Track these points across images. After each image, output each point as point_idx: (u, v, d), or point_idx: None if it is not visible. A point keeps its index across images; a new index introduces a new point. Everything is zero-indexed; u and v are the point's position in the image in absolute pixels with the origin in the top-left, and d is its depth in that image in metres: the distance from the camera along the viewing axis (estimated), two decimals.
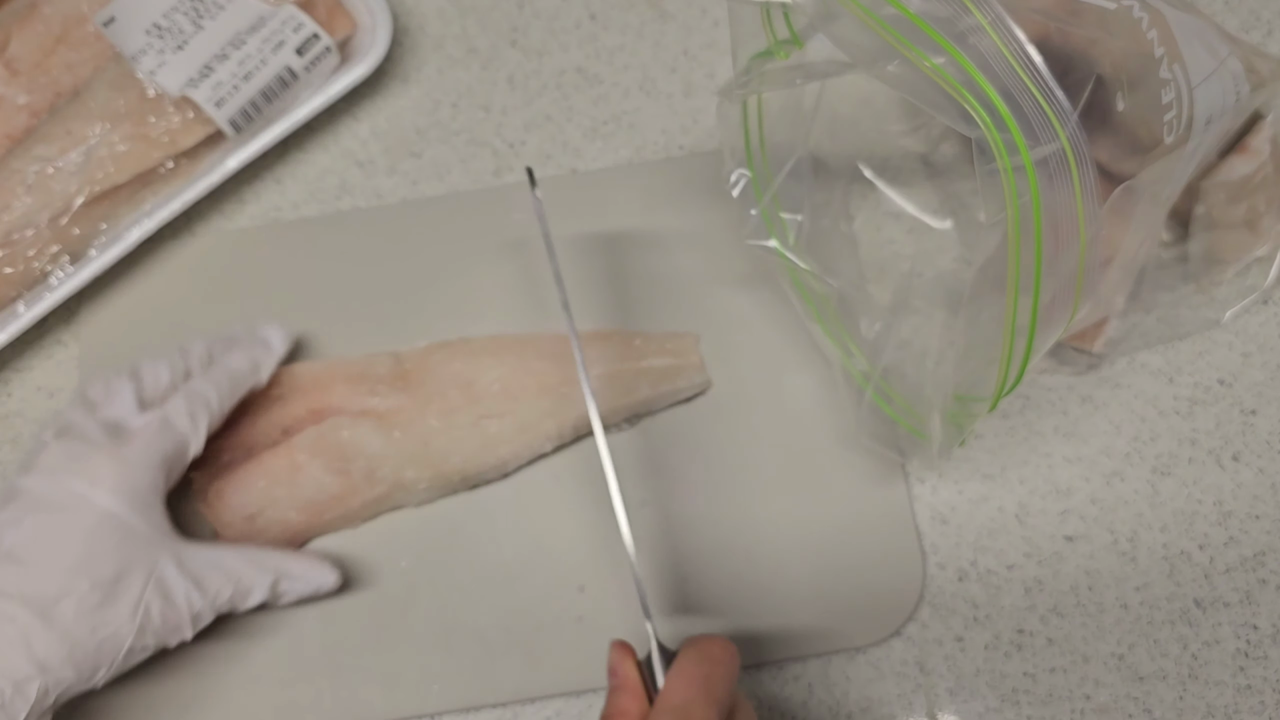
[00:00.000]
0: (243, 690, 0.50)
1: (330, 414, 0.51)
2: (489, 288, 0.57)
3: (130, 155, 0.55)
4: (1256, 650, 0.49)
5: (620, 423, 0.54)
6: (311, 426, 0.51)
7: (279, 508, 0.50)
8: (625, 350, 0.53)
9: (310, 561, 0.48)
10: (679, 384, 0.53)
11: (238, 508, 0.50)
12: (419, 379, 0.52)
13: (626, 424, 0.54)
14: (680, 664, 0.39)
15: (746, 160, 0.48)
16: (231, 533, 0.50)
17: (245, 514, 0.50)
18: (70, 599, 0.41)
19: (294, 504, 0.50)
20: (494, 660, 0.50)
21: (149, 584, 0.43)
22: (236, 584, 0.45)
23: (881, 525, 0.51)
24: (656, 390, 0.52)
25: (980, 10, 0.37)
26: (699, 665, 0.38)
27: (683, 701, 0.37)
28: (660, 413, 0.54)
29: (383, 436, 0.50)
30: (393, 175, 0.60)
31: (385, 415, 0.51)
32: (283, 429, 0.51)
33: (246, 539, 0.49)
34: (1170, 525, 0.52)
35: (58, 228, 0.54)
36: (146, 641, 0.43)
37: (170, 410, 0.46)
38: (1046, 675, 0.50)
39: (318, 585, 0.48)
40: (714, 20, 0.63)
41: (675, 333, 0.54)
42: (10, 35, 0.57)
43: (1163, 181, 0.44)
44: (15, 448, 0.56)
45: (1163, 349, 0.54)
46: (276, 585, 0.46)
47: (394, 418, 0.51)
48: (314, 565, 0.48)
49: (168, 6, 0.56)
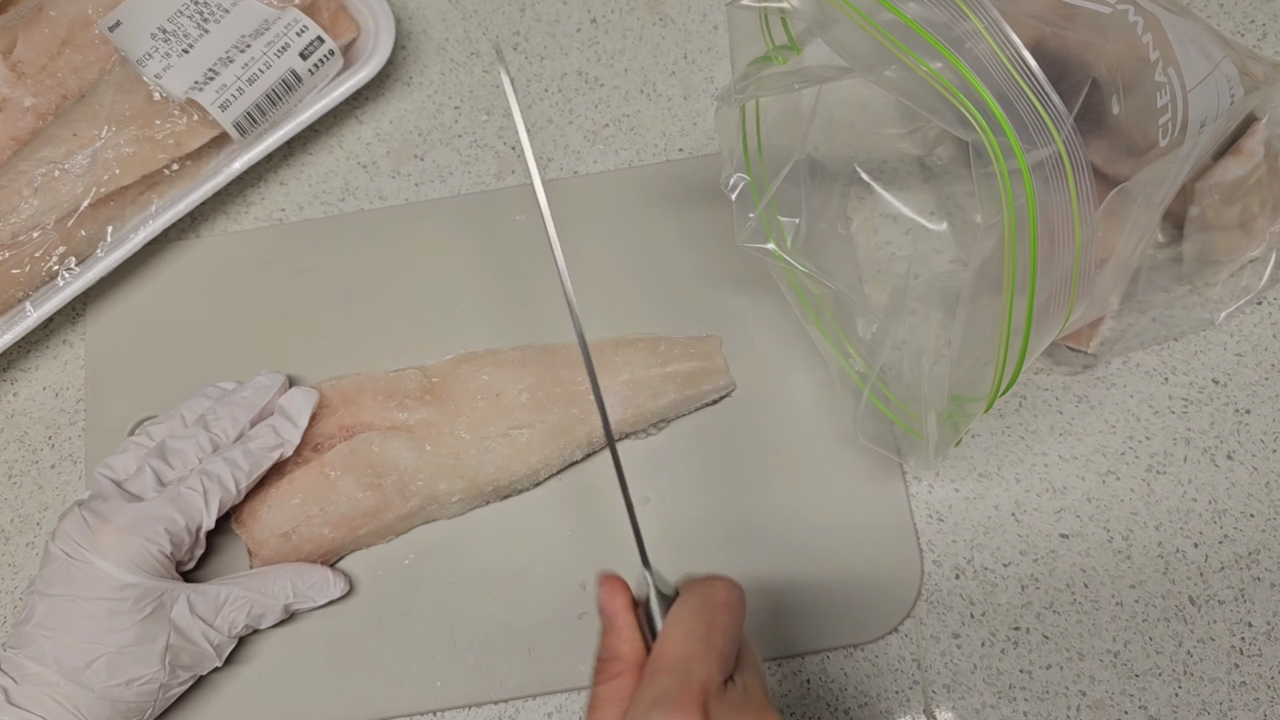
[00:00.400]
0: (248, 687, 0.51)
1: (361, 430, 0.52)
2: (492, 291, 0.58)
3: (136, 157, 0.55)
4: (1251, 647, 0.50)
5: (648, 428, 0.54)
6: (343, 443, 0.51)
7: (313, 524, 0.50)
8: (651, 355, 0.53)
9: (318, 575, 0.50)
10: (705, 387, 0.53)
11: (273, 526, 0.50)
12: (447, 392, 0.53)
13: (654, 429, 0.54)
14: (679, 612, 0.36)
15: (744, 164, 0.49)
16: (266, 551, 0.50)
17: (280, 532, 0.50)
18: (100, 661, 0.45)
19: (328, 520, 0.50)
20: (496, 657, 0.51)
21: (170, 634, 0.46)
22: (250, 611, 0.49)
23: (880, 523, 0.52)
24: (683, 394, 0.53)
25: (976, 15, 0.37)
26: (700, 614, 0.36)
27: (680, 657, 0.34)
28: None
29: (414, 450, 0.51)
30: (396, 177, 0.61)
31: (416, 429, 0.52)
32: (313, 446, 0.52)
33: (281, 557, 0.50)
34: (1165, 523, 0.52)
35: (64, 229, 0.55)
36: (181, 678, 0.47)
37: (185, 489, 0.47)
38: (1042, 672, 0.50)
39: (328, 596, 0.50)
40: (713, 24, 0.63)
41: (699, 336, 0.55)
42: (16, 38, 0.58)
43: (1157, 184, 0.44)
44: (21, 446, 0.56)
45: (1157, 349, 0.55)
46: (288, 604, 0.49)
47: (424, 431, 0.52)
48: (322, 579, 0.50)
49: (173, 10, 0.57)
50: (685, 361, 0.53)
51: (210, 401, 0.52)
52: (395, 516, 0.51)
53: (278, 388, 0.52)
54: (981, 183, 0.37)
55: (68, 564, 0.45)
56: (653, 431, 0.54)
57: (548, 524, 0.53)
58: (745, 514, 0.53)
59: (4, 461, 0.56)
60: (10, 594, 0.54)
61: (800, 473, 0.53)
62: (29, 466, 0.56)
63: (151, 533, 0.46)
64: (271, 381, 0.52)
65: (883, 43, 0.37)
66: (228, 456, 0.49)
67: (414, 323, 0.57)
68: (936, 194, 0.58)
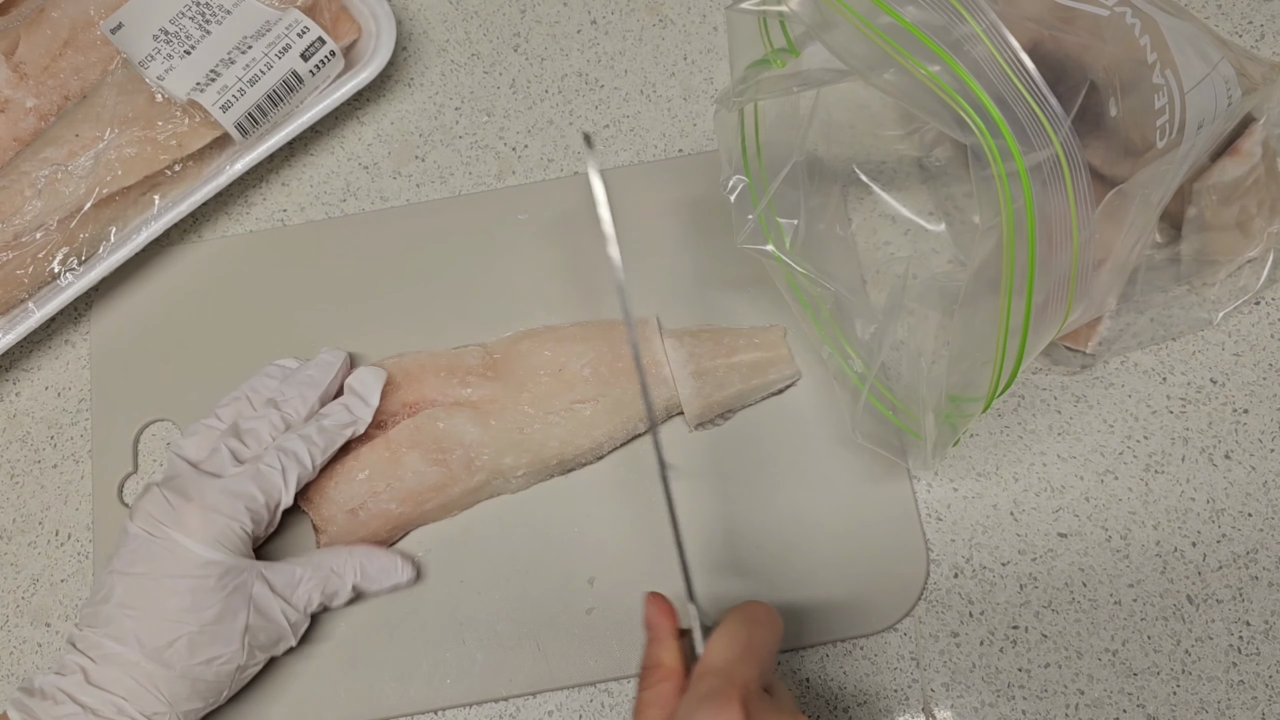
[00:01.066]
0: (260, 687, 0.51)
1: (424, 406, 0.52)
2: (507, 284, 0.58)
3: (138, 158, 0.56)
4: (1249, 646, 0.50)
5: (715, 419, 0.54)
6: (407, 419, 0.52)
7: (380, 500, 0.51)
8: (715, 346, 0.53)
9: (386, 558, 0.51)
10: (770, 376, 0.53)
11: (340, 502, 0.51)
12: (509, 367, 0.53)
13: (721, 419, 0.54)
14: (723, 627, 0.39)
15: (743, 166, 0.49)
16: (333, 528, 0.51)
17: (347, 509, 0.51)
18: (182, 640, 0.45)
19: (394, 496, 0.51)
20: (505, 654, 0.51)
21: (249, 612, 0.46)
22: (323, 589, 0.49)
23: (885, 520, 0.52)
24: (749, 384, 0.53)
25: (974, 18, 0.38)
26: (741, 626, 0.39)
27: (724, 661, 0.37)
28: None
29: (479, 425, 0.51)
30: (397, 178, 0.61)
31: (479, 404, 0.52)
32: (378, 423, 0.52)
33: (348, 534, 0.51)
34: (1163, 522, 0.52)
35: (67, 229, 0.55)
36: (257, 658, 0.48)
37: (264, 465, 0.48)
38: (1040, 670, 0.50)
39: (395, 580, 0.51)
40: (713, 26, 0.63)
41: (762, 326, 0.55)
42: (19, 39, 0.58)
43: (1154, 185, 0.45)
44: (24, 446, 0.57)
45: (1155, 349, 0.55)
46: (357, 584, 0.50)
47: (488, 406, 0.52)
48: (390, 563, 0.51)
49: (175, 12, 0.57)
50: (750, 352, 0.53)
51: (275, 381, 0.52)
52: (461, 491, 0.51)
53: (340, 364, 0.53)
54: (980, 185, 0.37)
55: (150, 543, 0.45)
56: (719, 422, 0.54)
57: (555, 519, 0.53)
58: (750, 510, 0.53)
59: (6, 461, 0.57)
60: (11, 593, 0.54)
61: (804, 471, 0.53)
62: (31, 466, 0.56)
63: (234, 509, 0.46)
64: (334, 358, 0.53)
65: (881, 46, 0.37)
66: (303, 434, 0.49)
67: (421, 320, 0.57)
68: (935, 195, 0.58)
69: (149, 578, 0.45)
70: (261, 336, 0.57)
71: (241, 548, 0.46)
